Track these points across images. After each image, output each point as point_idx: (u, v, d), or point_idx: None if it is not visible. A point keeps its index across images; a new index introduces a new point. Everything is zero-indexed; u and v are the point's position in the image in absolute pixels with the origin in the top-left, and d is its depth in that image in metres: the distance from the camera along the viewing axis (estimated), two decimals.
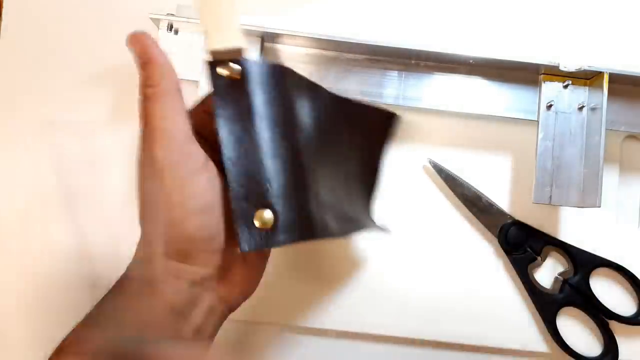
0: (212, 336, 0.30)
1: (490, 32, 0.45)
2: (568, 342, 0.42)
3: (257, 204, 0.28)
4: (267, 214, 0.28)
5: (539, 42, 0.45)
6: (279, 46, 0.41)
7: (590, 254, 0.43)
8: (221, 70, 0.27)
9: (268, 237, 0.27)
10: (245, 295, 0.31)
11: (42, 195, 0.45)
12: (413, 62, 0.41)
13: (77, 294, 0.43)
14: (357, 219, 0.37)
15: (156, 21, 0.40)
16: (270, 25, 0.39)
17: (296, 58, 0.41)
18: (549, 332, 0.42)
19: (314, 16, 0.45)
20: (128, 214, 0.44)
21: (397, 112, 0.40)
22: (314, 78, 0.40)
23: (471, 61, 0.40)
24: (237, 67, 0.27)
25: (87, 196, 0.45)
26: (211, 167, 0.28)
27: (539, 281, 0.43)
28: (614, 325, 0.42)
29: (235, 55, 0.27)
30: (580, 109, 0.41)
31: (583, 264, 0.42)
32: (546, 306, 0.42)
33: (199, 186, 0.26)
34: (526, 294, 0.43)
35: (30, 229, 0.45)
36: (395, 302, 0.43)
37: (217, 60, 0.27)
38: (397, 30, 0.45)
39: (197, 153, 0.27)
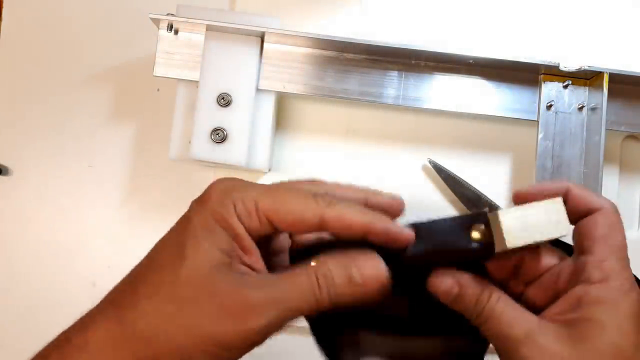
0: None
1: (490, 32, 0.45)
2: None
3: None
4: None
5: (539, 42, 0.45)
6: (278, 46, 0.41)
7: None
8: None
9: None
10: None
11: (41, 194, 0.45)
12: (413, 62, 0.41)
13: (77, 293, 0.43)
14: None
15: (156, 21, 0.40)
16: (270, 25, 0.39)
17: (296, 58, 0.41)
18: None
19: (314, 16, 0.45)
20: (127, 214, 0.45)
21: (397, 112, 0.40)
22: (314, 78, 0.41)
23: (471, 61, 0.40)
24: None
25: (87, 196, 0.45)
26: None
27: None
28: None
29: None
30: (580, 109, 0.41)
31: None
32: None
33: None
34: None
35: (30, 228, 0.45)
36: None
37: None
38: (397, 30, 0.45)
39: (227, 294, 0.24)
